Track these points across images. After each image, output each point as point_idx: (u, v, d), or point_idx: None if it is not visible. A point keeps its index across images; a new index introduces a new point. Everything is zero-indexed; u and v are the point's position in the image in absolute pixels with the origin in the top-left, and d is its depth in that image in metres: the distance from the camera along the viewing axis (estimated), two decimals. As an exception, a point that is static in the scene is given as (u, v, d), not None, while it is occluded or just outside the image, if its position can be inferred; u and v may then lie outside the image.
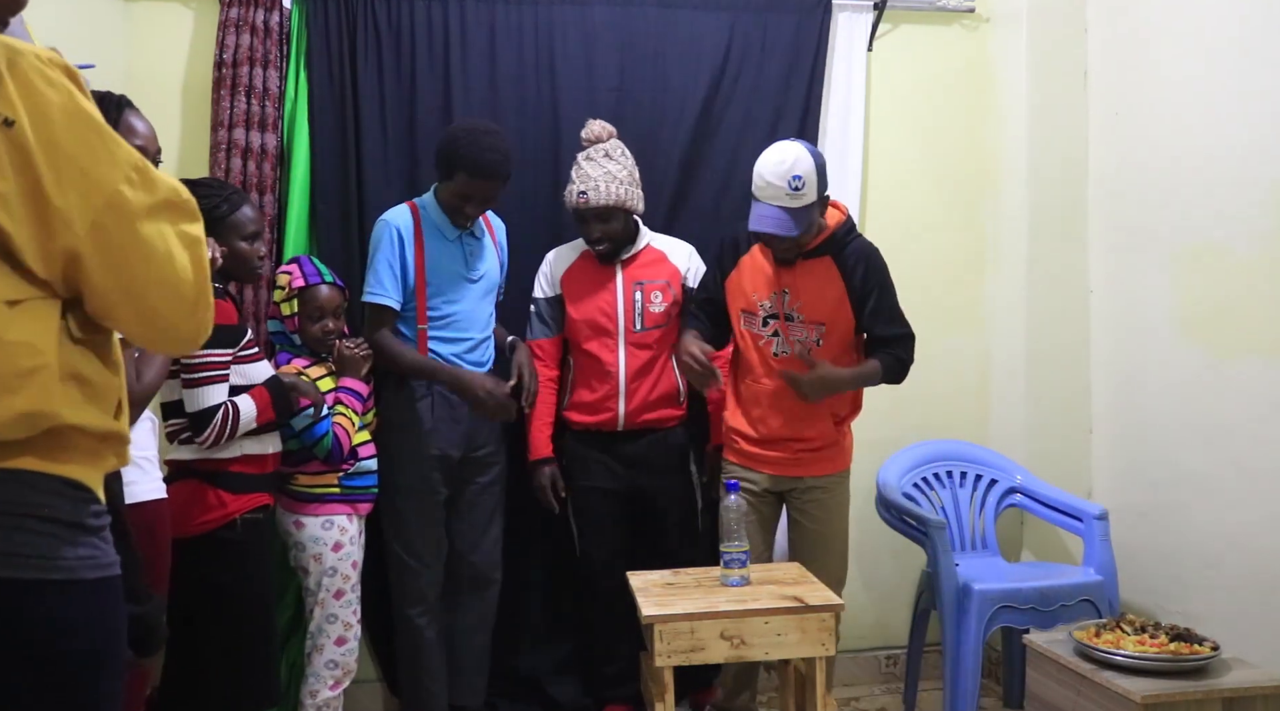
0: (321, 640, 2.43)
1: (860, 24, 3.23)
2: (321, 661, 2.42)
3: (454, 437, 2.66)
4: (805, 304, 2.57)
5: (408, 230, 2.63)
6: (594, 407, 2.80)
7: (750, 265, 2.63)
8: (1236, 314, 2.51)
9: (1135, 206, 2.88)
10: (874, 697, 3.19)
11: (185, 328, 1.18)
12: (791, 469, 2.66)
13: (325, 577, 2.42)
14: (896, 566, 3.30)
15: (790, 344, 2.59)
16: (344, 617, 2.44)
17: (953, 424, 3.31)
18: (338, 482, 2.46)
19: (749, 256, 2.63)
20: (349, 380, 2.49)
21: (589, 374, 2.81)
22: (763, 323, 2.61)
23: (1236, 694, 2.09)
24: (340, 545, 2.44)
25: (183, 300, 1.15)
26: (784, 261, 2.56)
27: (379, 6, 2.93)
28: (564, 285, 2.83)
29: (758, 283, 2.61)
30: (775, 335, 2.61)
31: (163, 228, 1.11)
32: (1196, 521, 2.62)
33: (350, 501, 2.49)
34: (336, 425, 2.41)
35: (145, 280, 1.11)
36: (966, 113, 3.35)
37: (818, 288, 2.56)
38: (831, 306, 2.57)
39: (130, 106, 1.87)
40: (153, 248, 1.10)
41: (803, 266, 2.57)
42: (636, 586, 2.38)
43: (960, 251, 3.36)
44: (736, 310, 2.64)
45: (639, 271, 2.81)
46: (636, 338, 2.78)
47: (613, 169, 2.71)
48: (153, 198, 1.10)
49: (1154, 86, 2.81)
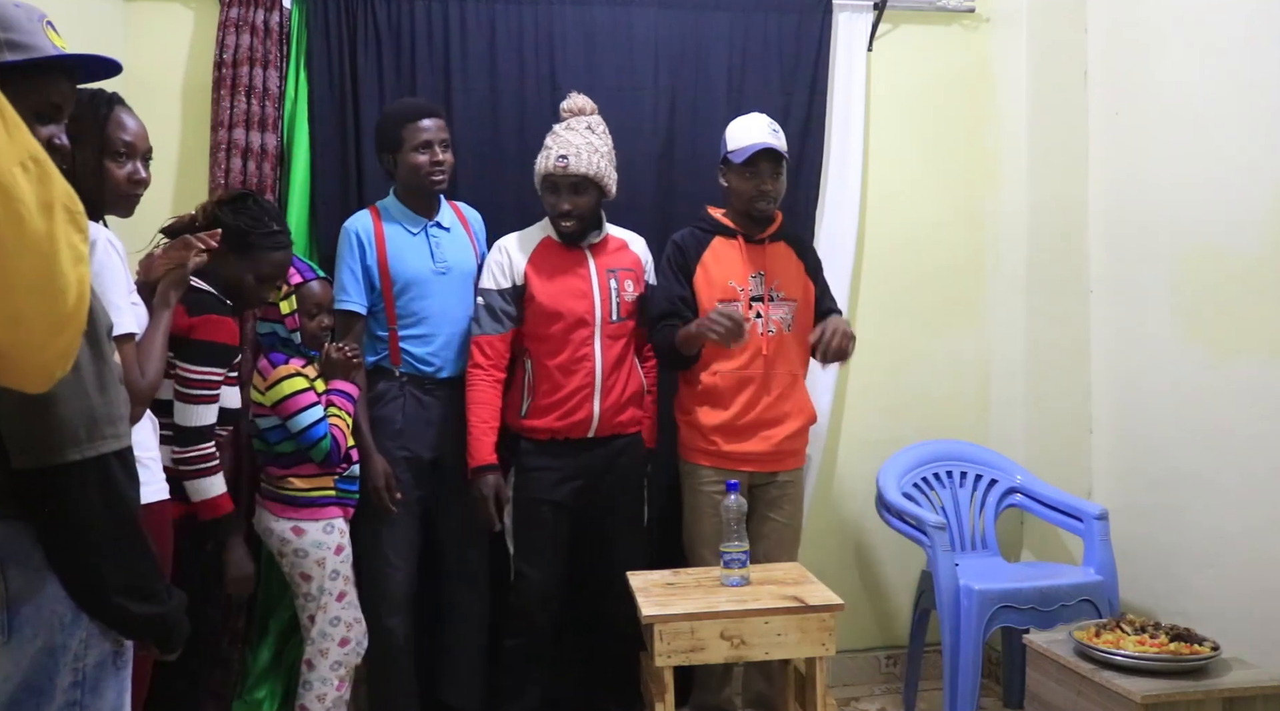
0: (326, 644, 2.40)
1: (860, 24, 3.23)
2: (327, 664, 2.40)
3: (426, 439, 2.65)
4: (782, 282, 2.71)
5: (367, 232, 2.63)
6: (565, 409, 2.62)
7: (715, 258, 2.68)
8: (1236, 314, 2.51)
9: (1135, 206, 2.88)
10: (874, 697, 3.19)
11: (50, 348, 1.05)
12: (769, 464, 2.69)
13: (329, 581, 2.40)
14: (896, 566, 3.30)
15: (771, 323, 2.66)
16: (346, 618, 2.44)
17: (953, 424, 3.31)
18: (333, 485, 2.45)
19: (710, 251, 2.69)
20: (340, 382, 2.48)
21: (556, 372, 2.62)
22: (746, 306, 2.64)
23: (1236, 694, 2.09)
24: (342, 547, 2.43)
25: (56, 314, 1.03)
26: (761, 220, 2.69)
27: (379, 6, 2.93)
28: (529, 274, 2.64)
29: (732, 270, 2.66)
30: (758, 316, 2.65)
31: (53, 228, 1.01)
32: (1196, 521, 2.62)
33: (343, 504, 2.48)
34: (333, 427, 2.40)
35: (17, 274, 0.99)
36: (966, 113, 3.35)
37: (787, 267, 2.74)
38: (800, 283, 2.75)
39: (121, 103, 1.87)
40: (36, 242, 0.99)
41: (771, 248, 2.73)
42: (636, 586, 2.38)
43: (960, 251, 3.36)
44: (713, 302, 2.63)
45: (609, 259, 2.71)
46: (612, 329, 2.66)
47: (594, 141, 2.63)
48: (47, 194, 1.02)
49: (1154, 86, 2.81)
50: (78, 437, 1.20)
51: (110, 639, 1.28)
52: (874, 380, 3.27)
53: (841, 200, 3.21)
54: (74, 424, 1.20)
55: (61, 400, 1.18)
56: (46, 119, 1.38)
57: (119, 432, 1.26)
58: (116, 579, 1.26)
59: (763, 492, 2.73)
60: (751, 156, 2.61)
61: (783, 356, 2.68)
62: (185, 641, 1.40)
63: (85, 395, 1.21)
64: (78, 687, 1.24)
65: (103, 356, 1.25)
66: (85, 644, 1.24)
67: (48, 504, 1.21)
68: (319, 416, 2.38)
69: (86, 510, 1.22)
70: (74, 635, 1.23)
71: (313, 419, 2.37)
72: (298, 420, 2.36)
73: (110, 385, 1.25)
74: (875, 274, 3.32)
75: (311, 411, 2.37)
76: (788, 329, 2.69)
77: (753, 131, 2.64)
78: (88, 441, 1.21)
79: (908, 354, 3.28)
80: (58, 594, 1.22)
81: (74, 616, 1.23)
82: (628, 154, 3.07)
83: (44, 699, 1.21)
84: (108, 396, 1.24)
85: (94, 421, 1.21)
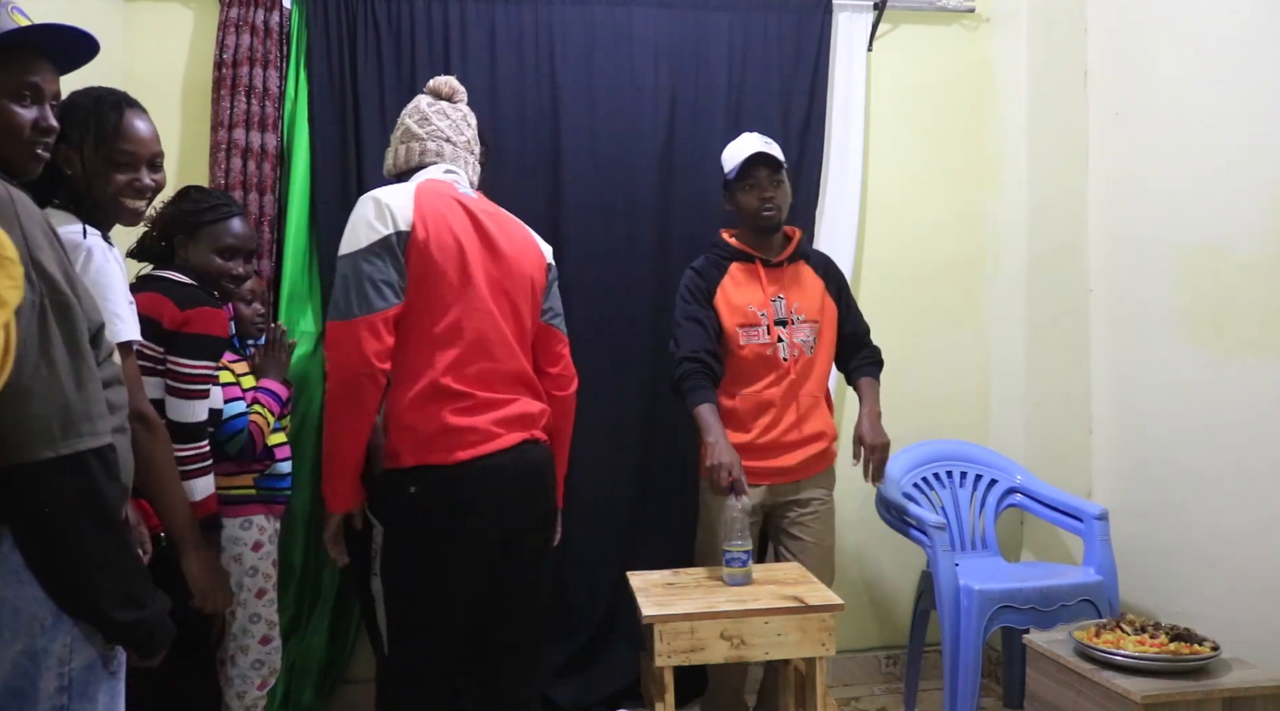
0: (246, 640, 2.37)
1: (860, 24, 3.23)
2: (247, 662, 2.37)
3: None
4: (802, 305, 2.67)
5: None
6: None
7: (734, 284, 2.66)
8: (1236, 314, 2.51)
9: (1135, 206, 2.88)
10: (874, 697, 3.19)
11: None
12: (790, 476, 2.65)
13: (246, 577, 2.37)
14: (896, 566, 3.30)
15: (794, 348, 2.63)
16: (267, 616, 2.40)
17: (953, 424, 3.31)
18: (253, 483, 2.41)
19: (729, 277, 2.66)
20: (268, 381, 2.47)
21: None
22: (767, 331, 2.63)
23: (1236, 694, 2.09)
24: (260, 544, 2.40)
25: None
26: (771, 231, 2.66)
27: (379, 6, 2.94)
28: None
29: (751, 296, 2.65)
30: (780, 341, 2.63)
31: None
32: (1196, 521, 2.62)
33: (266, 503, 2.46)
34: (251, 423, 2.38)
35: None
36: (966, 113, 3.35)
37: (805, 288, 2.70)
38: (819, 304, 2.70)
39: (132, 106, 1.81)
40: None
41: (790, 270, 2.70)
42: (636, 586, 2.38)
43: (960, 251, 3.36)
44: (734, 327, 2.63)
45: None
46: None
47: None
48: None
49: (1154, 86, 2.81)
50: (51, 435, 1.17)
51: (98, 643, 1.26)
52: (874, 380, 3.28)
53: (841, 200, 3.21)
54: (47, 420, 1.17)
55: (34, 396, 1.16)
56: (29, 101, 1.36)
57: (97, 430, 1.23)
58: (95, 581, 1.24)
59: (785, 511, 2.68)
60: (746, 167, 2.62)
61: (805, 379, 2.65)
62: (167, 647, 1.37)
63: (60, 391, 1.18)
64: (64, 692, 1.22)
65: (80, 354, 1.23)
66: (70, 648, 1.22)
67: (23, 503, 1.18)
68: (237, 411, 2.33)
69: (63, 510, 1.19)
70: (56, 638, 1.21)
71: (231, 413, 2.32)
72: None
73: (88, 383, 1.23)
74: (875, 273, 3.32)
75: (230, 406, 2.32)
76: (809, 351, 2.65)
77: (743, 146, 2.65)
78: (62, 439, 1.18)
79: (908, 354, 3.28)
80: (37, 596, 1.20)
81: (55, 619, 1.21)
82: (628, 154, 3.08)
83: (27, 703, 1.19)
84: (85, 393, 1.22)
85: (69, 419, 1.19)
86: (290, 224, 2.86)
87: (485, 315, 1.98)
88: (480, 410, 1.95)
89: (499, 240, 2.05)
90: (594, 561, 3.05)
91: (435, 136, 2.12)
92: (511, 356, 2.03)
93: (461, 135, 2.16)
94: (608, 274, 3.07)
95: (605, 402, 3.04)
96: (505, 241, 2.07)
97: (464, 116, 2.19)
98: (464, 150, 2.16)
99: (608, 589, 3.04)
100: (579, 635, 3.05)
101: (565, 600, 3.06)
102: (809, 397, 2.66)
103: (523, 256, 2.10)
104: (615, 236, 3.08)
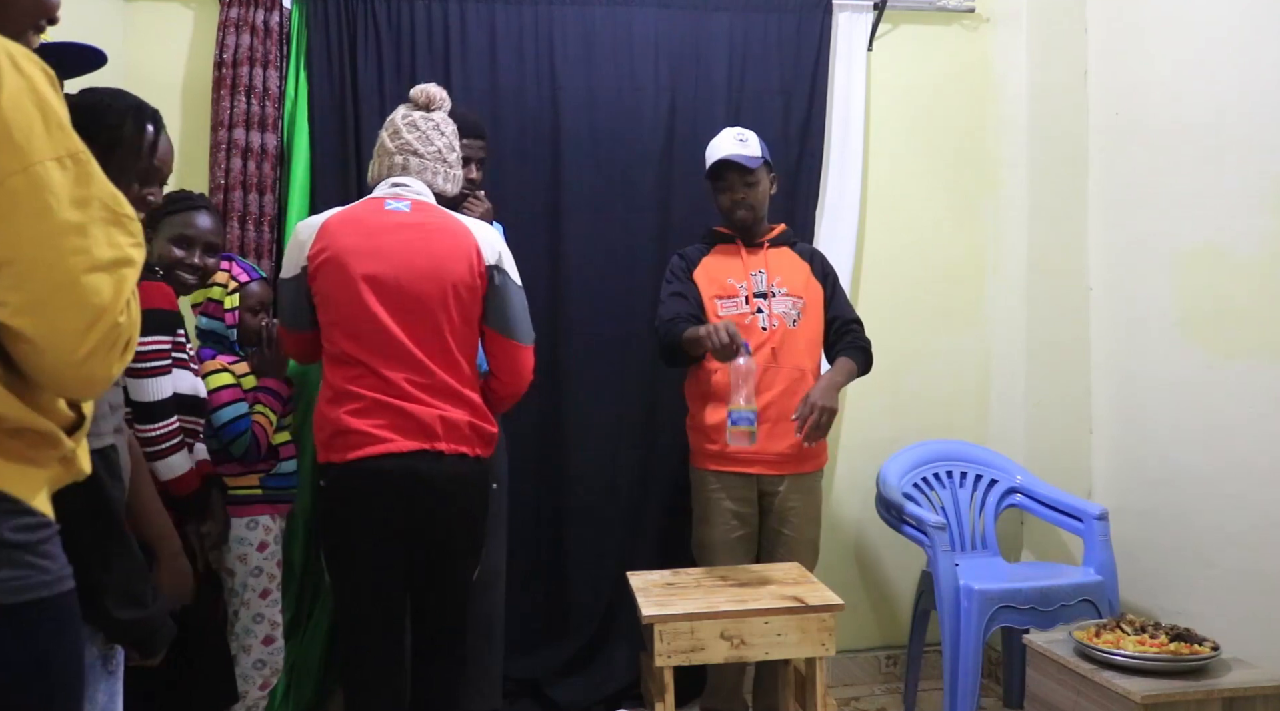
0: (249, 640, 2.39)
1: (860, 24, 3.23)
2: (249, 662, 2.38)
3: None
4: (784, 280, 2.69)
5: None
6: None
7: (715, 261, 2.71)
8: (1236, 314, 2.51)
9: (1135, 206, 2.88)
10: (874, 697, 3.19)
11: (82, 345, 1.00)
12: (778, 467, 2.63)
13: (251, 577, 2.38)
14: (896, 566, 3.30)
15: (774, 318, 2.63)
16: (270, 617, 2.41)
17: (953, 424, 3.31)
18: (259, 483, 2.42)
19: (710, 256, 2.72)
20: (269, 380, 2.48)
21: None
22: (745, 301, 2.64)
23: (1236, 694, 2.09)
24: (265, 544, 2.41)
25: (84, 308, 0.99)
26: (742, 226, 2.68)
27: (379, 6, 2.94)
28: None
29: (730, 270, 2.69)
30: (759, 312, 2.64)
31: (86, 224, 1.00)
32: (1196, 521, 2.62)
33: (272, 502, 2.46)
34: (255, 424, 2.39)
35: (42, 263, 0.97)
36: (966, 113, 3.35)
37: (789, 267, 2.72)
38: (804, 283, 2.71)
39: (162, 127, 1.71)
40: (65, 234, 0.98)
41: (772, 251, 2.73)
42: (636, 586, 2.38)
43: (960, 251, 3.36)
44: (711, 298, 2.65)
45: None
46: None
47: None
48: (83, 191, 1.01)
49: (1154, 86, 2.81)
50: None
51: (99, 642, 1.27)
52: (874, 380, 3.24)
53: (841, 200, 3.21)
54: None
55: None
56: None
57: (99, 431, 1.23)
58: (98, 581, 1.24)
59: (772, 502, 2.66)
60: (716, 171, 2.65)
61: (787, 350, 2.63)
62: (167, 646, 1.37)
63: None
64: None
65: None
66: None
67: None
68: (240, 412, 2.35)
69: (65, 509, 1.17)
70: None
71: (233, 414, 2.34)
72: (219, 415, 2.33)
73: None
74: (875, 273, 3.32)
75: (233, 407, 2.34)
76: (792, 324, 2.65)
77: (718, 147, 2.66)
78: None
79: (908, 354, 3.28)
80: None
81: None
82: (628, 154, 3.08)
83: None
84: None
85: None
86: (290, 224, 2.86)
87: (381, 332, 2.06)
88: (372, 414, 2.04)
89: (413, 254, 2.08)
90: (594, 561, 3.05)
91: (404, 150, 2.20)
92: (418, 367, 2.07)
93: (430, 146, 2.21)
94: (607, 274, 3.07)
95: (605, 402, 3.04)
96: (422, 254, 2.09)
97: (435, 126, 2.23)
98: (432, 160, 2.21)
99: (608, 589, 3.03)
100: (579, 635, 3.05)
101: (565, 600, 3.06)
102: (794, 370, 2.61)
103: (444, 265, 2.09)
104: (615, 236, 3.08)
